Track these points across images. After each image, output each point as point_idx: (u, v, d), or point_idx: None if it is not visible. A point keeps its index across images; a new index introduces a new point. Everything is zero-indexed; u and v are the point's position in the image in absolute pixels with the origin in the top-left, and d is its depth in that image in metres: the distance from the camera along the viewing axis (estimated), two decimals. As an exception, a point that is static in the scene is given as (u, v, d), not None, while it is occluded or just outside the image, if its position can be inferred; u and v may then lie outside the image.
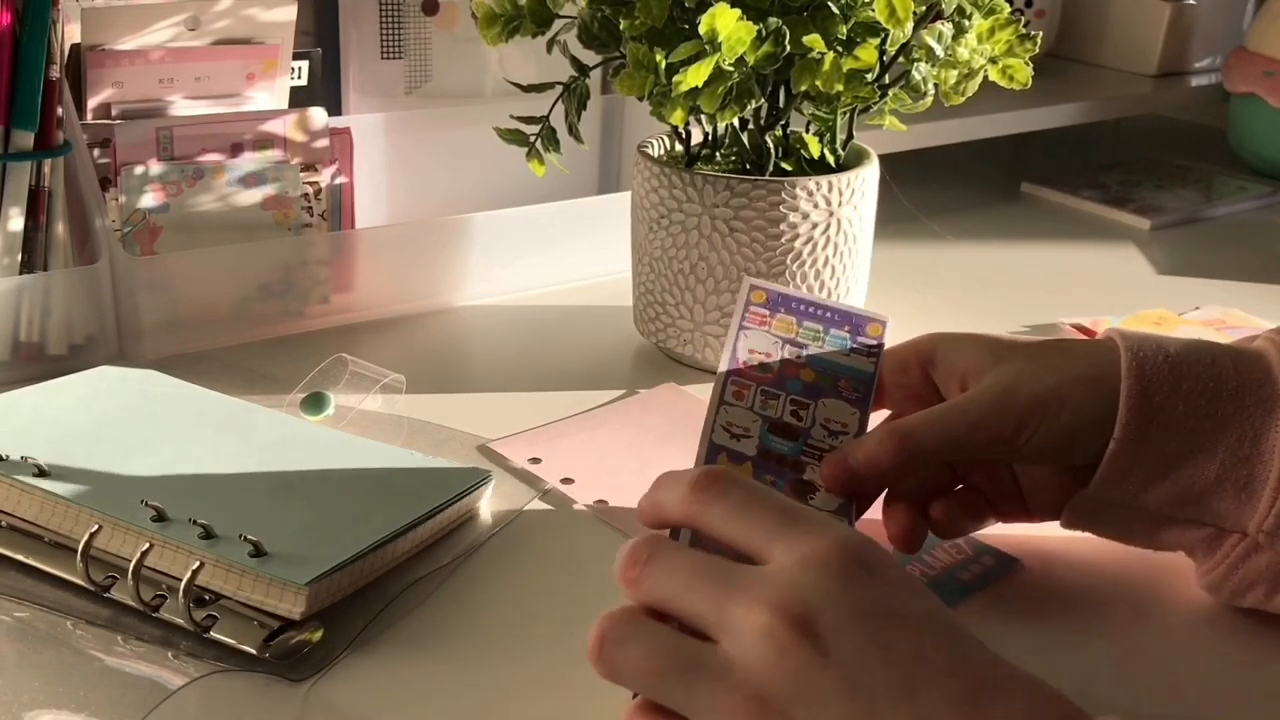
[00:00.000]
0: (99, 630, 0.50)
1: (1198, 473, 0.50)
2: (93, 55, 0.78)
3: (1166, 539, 0.53)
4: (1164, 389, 0.50)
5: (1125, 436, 0.49)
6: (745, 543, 0.41)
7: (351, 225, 0.86)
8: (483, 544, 0.57)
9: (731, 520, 0.41)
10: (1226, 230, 1.09)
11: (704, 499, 0.42)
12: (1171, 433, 0.50)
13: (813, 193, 0.70)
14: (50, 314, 0.72)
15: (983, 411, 0.50)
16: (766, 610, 0.37)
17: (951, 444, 0.50)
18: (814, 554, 0.39)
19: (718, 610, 0.39)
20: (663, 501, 0.44)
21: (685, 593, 0.39)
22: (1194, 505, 0.50)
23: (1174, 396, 0.50)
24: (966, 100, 0.70)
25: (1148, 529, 0.52)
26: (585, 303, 0.86)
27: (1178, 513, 0.51)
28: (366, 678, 0.48)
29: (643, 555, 0.41)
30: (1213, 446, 0.49)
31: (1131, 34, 1.29)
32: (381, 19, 0.94)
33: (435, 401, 0.70)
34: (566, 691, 0.48)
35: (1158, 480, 0.50)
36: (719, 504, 0.42)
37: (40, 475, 0.55)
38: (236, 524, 0.52)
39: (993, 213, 1.11)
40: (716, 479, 0.42)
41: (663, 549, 0.41)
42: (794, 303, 0.50)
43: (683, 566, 0.40)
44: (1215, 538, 0.51)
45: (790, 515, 0.41)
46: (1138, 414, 0.49)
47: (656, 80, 0.65)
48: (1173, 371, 0.50)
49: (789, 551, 0.39)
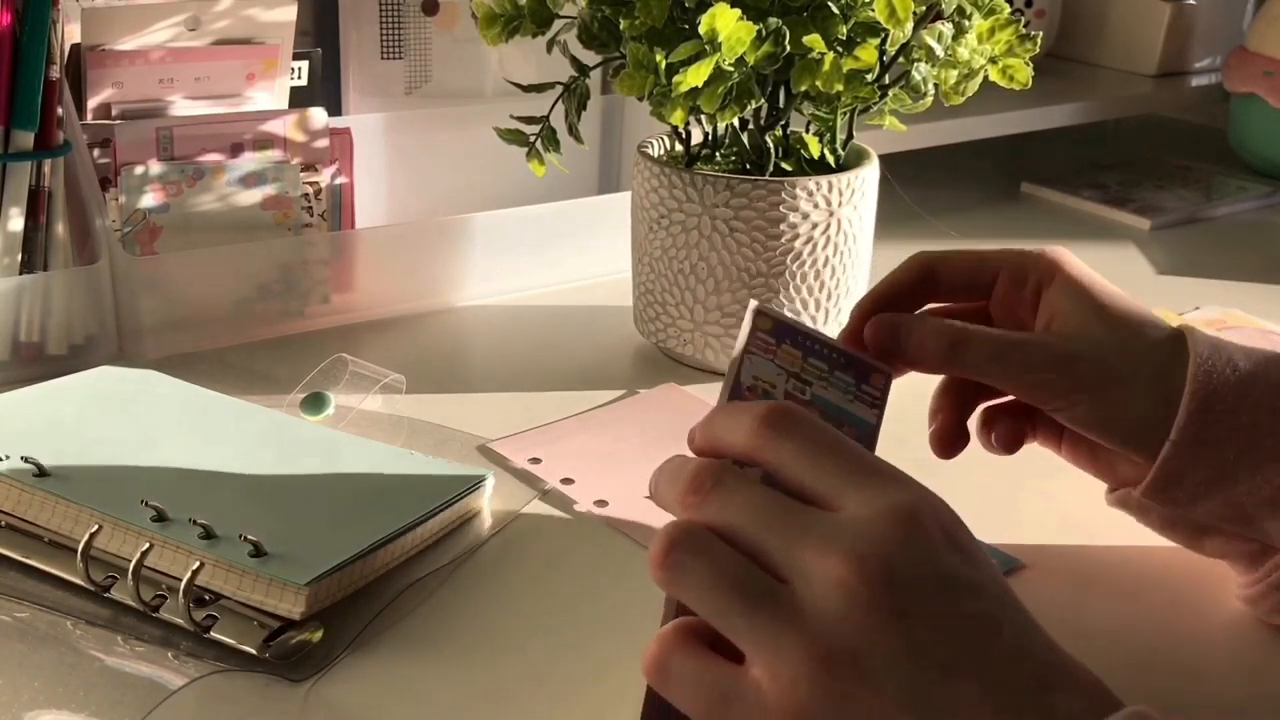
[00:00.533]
0: (99, 630, 0.50)
1: (1251, 490, 0.48)
2: (93, 55, 0.78)
3: (1209, 545, 0.52)
4: (1227, 402, 0.48)
5: (1180, 441, 0.48)
6: (815, 485, 0.38)
7: (351, 225, 0.86)
8: (483, 544, 0.57)
9: (802, 460, 0.39)
10: (1226, 230, 1.08)
11: (774, 435, 0.39)
12: (1228, 448, 0.48)
13: (813, 193, 0.70)
14: (50, 314, 0.72)
15: (1044, 363, 0.49)
16: (843, 559, 0.36)
17: (1000, 378, 0.50)
18: (895, 509, 0.37)
19: (787, 550, 0.37)
20: (723, 432, 0.41)
21: (753, 525, 0.38)
22: (1242, 521, 0.49)
23: (1235, 412, 0.48)
24: (966, 100, 0.70)
25: (1191, 532, 0.52)
26: (585, 303, 0.86)
27: (1225, 525, 0.50)
28: (366, 678, 0.48)
29: (706, 481, 0.39)
30: (1270, 466, 0.48)
31: (1131, 34, 1.29)
32: (381, 19, 0.94)
33: (435, 401, 0.70)
34: (567, 691, 0.48)
35: (1208, 494, 0.49)
36: (790, 441, 0.39)
37: (40, 475, 0.55)
38: (236, 524, 0.52)
39: (993, 213, 1.11)
40: (788, 414, 0.40)
41: (730, 476, 0.39)
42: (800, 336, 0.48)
43: (752, 498, 0.38)
44: (1260, 553, 0.51)
45: (866, 464, 0.39)
46: (1195, 424, 0.48)
47: (656, 80, 0.65)
48: (1239, 385, 0.48)
49: (866, 502, 0.37)
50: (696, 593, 0.37)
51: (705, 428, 0.42)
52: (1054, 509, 0.61)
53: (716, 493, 0.39)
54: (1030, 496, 0.63)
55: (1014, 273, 0.53)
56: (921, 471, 0.40)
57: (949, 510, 0.38)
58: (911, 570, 0.36)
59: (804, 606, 0.36)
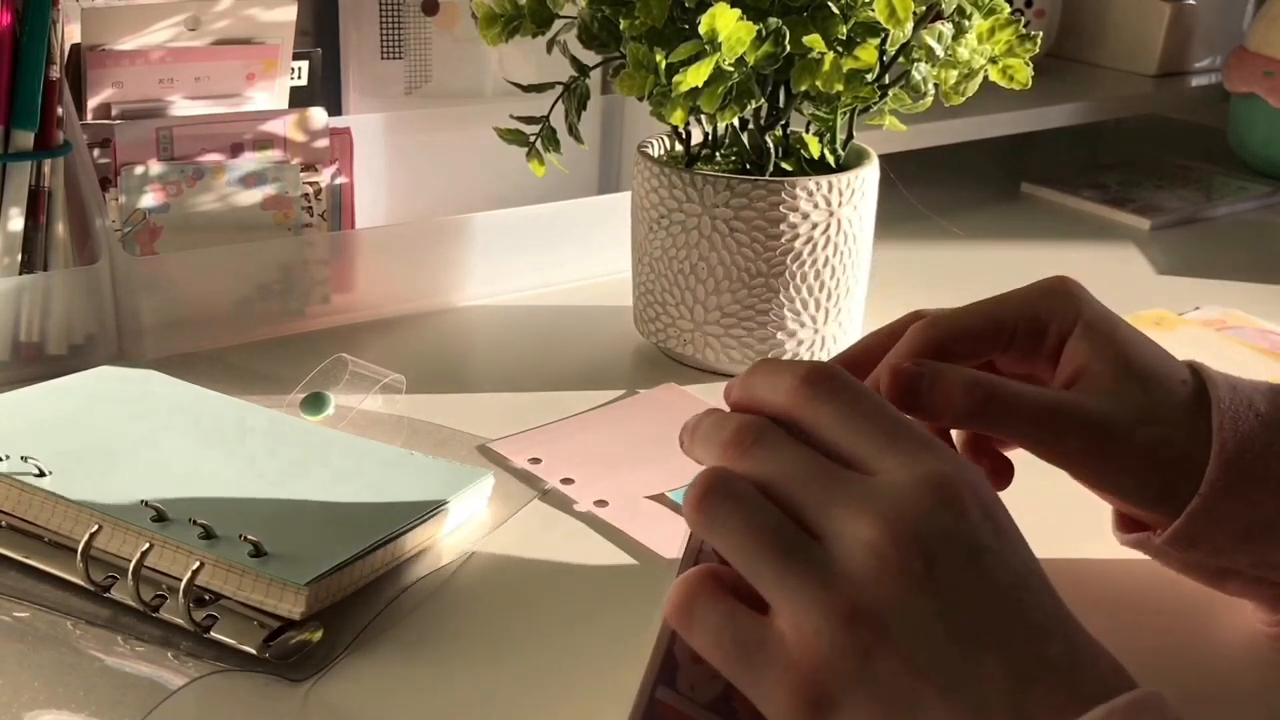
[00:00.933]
0: (99, 630, 0.50)
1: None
2: (93, 55, 0.78)
3: (1231, 587, 0.50)
4: (1254, 449, 0.47)
5: (1210, 495, 0.46)
6: (853, 449, 0.39)
7: (351, 225, 0.86)
8: (483, 544, 0.57)
9: (841, 423, 0.39)
10: (1226, 230, 1.09)
11: (814, 395, 0.40)
12: (1262, 497, 0.47)
13: (813, 193, 0.70)
14: (50, 314, 0.72)
15: (1081, 433, 0.47)
16: (876, 523, 0.36)
17: (1031, 442, 0.48)
18: (931, 476, 0.37)
19: (822, 508, 0.37)
20: (761, 390, 0.41)
21: (790, 481, 0.38)
22: (1269, 567, 0.48)
23: (1264, 458, 0.47)
24: (966, 100, 0.70)
25: (1213, 575, 0.50)
26: (585, 303, 0.86)
27: (1248, 570, 0.49)
28: (366, 678, 0.48)
29: (749, 436, 0.39)
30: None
31: (1131, 34, 1.29)
32: (381, 19, 0.94)
33: (435, 401, 0.70)
34: (566, 692, 0.48)
35: (1236, 545, 0.48)
36: (830, 403, 0.39)
37: (40, 475, 0.55)
38: (236, 524, 0.52)
39: (993, 212, 1.11)
40: (830, 376, 0.40)
41: (771, 433, 0.39)
42: None
43: (793, 456, 0.39)
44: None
45: (906, 430, 0.39)
46: (1225, 476, 0.46)
47: (656, 80, 0.65)
48: (1264, 431, 0.47)
49: (902, 467, 0.37)
50: (730, 539, 0.38)
51: (744, 384, 0.42)
52: (1054, 516, 0.61)
53: (758, 448, 0.39)
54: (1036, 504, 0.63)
55: (1031, 326, 0.50)
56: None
57: (985, 483, 0.38)
58: (942, 538, 0.36)
59: (834, 564, 0.36)
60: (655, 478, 0.62)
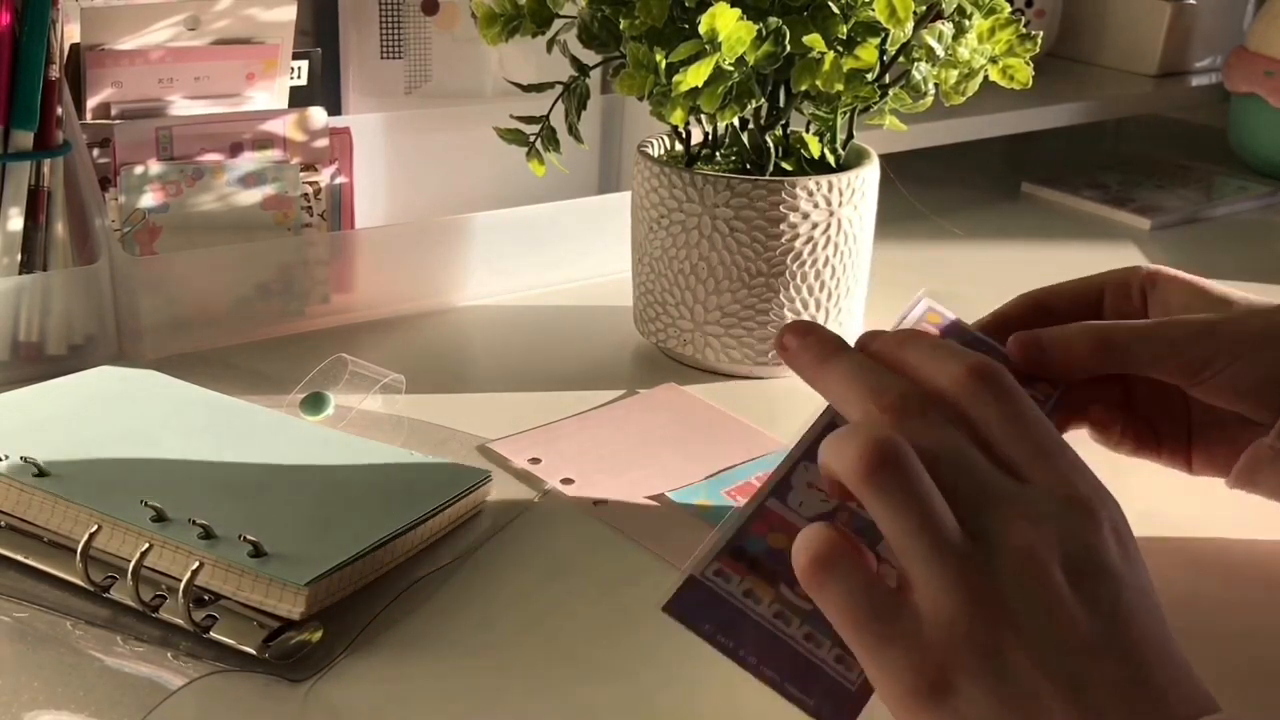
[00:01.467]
0: (99, 630, 0.50)
1: None
2: (92, 55, 0.78)
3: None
4: None
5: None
6: (1010, 452, 0.41)
7: (351, 225, 0.86)
8: (483, 544, 0.57)
9: (1006, 425, 0.41)
10: (1226, 230, 1.08)
11: (983, 389, 0.42)
12: None
13: (813, 193, 0.70)
14: (50, 314, 0.72)
15: (1187, 338, 0.50)
16: (1025, 530, 0.38)
17: (1149, 361, 0.50)
18: (1079, 498, 0.40)
19: (978, 503, 0.39)
20: (925, 362, 0.43)
21: (954, 467, 0.40)
22: None
23: None
24: (966, 100, 0.70)
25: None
26: (585, 303, 0.86)
27: None
28: (366, 678, 0.48)
29: (914, 403, 0.41)
30: None
31: (1131, 34, 1.29)
32: (381, 19, 0.93)
33: (435, 401, 0.70)
34: (566, 692, 0.48)
35: None
36: (997, 404, 0.41)
37: (40, 475, 0.55)
38: (236, 524, 0.52)
39: (993, 212, 1.11)
40: (1000, 375, 0.42)
41: (936, 410, 0.41)
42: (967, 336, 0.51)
43: (957, 441, 0.40)
44: None
45: (1060, 446, 0.41)
46: None
47: (656, 80, 0.65)
48: None
49: (1055, 484, 0.40)
50: (893, 510, 0.39)
51: (898, 346, 0.44)
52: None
53: (923, 420, 0.41)
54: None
55: (1118, 287, 0.55)
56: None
57: (1121, 513, 0.41)
58: (1084, 555, 0.38)
59: (980, 562, 0.38)
60: (655, 478, 0.62)
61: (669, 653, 0.50)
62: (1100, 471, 0.42)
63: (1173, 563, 0.56)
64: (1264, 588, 0.56)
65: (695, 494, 0.61)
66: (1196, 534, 0.59)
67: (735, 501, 0.61)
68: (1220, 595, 0.55)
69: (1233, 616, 0.54)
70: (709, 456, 0.65)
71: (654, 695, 0.48)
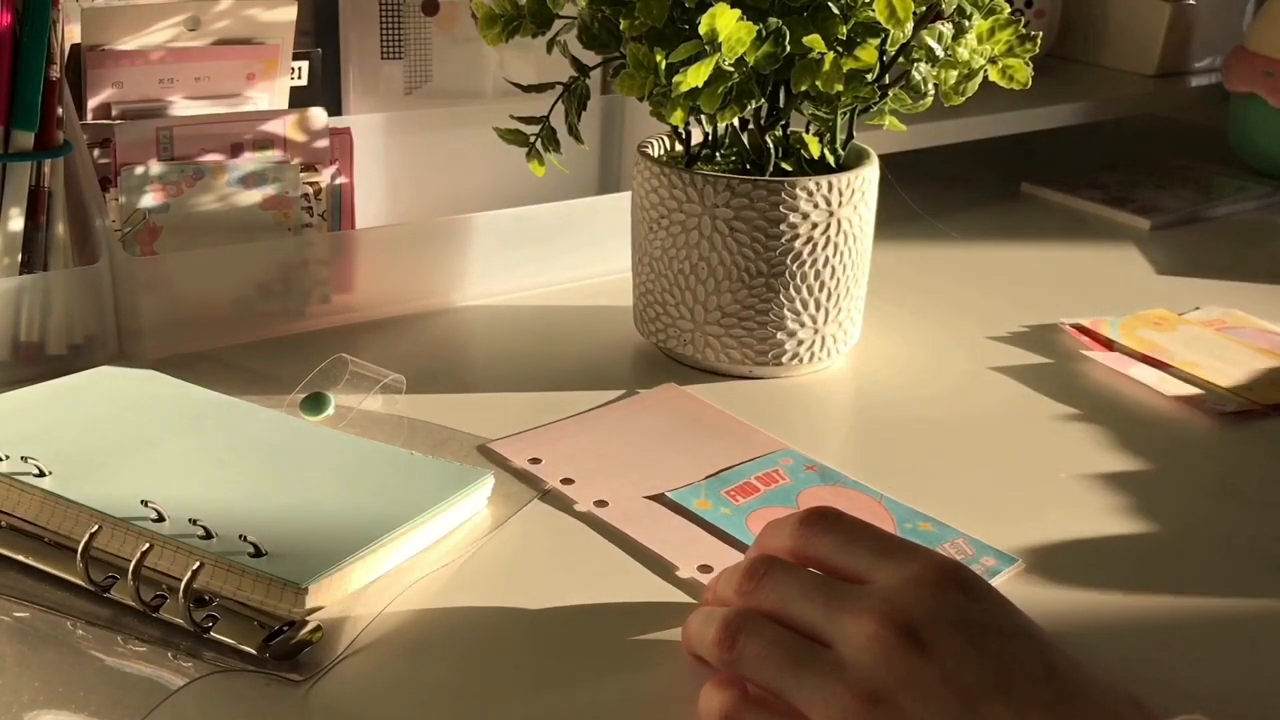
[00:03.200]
0: (99, 630, 0.50)
1: None
2: (93, 55, 0.78)
3: None
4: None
5: None
6: (851, 567, 0.46)
7: (351, 225, 0.86)
8: (483, 544, 0.57)
9: (838, 550, 0.47)
10: (1226, 230, 1.09)
11: (813, 531, 0.48)
12: None
13: (813, 193, 0.70)
14: (50, 314, 0.72)
15: None
16: (875, 619, 0.42)
17: None
18: (915, 575, 0.44)
19: (829, 618, 0.44)
20: (769, 539, 0.50)
21: (800, 601, 0.45)
22: None
23: None
24: (966, 100, 0.70)
25: None
26: (585, 303, 0.86)
27: None
28: (366, 678, 0.48)
29: (761, 569, 0.47)
30: None
31: (1131, 34, 1.29)
32: (381, 19, 0.94)
33: (435, 401, 0.70)
34: (566, 692, 0.48)
35: None
36: (827, 535, 0.48)
37: (40, 475, 0.55)
38: (236, 524, 0.52)
39: (993, 213, 1.11)
40: (822, 516, 0.48)
41: (779, 565, 0.47)
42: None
43: (798, 579, 0.46)
44: None
45: (890, 543, 0.47)
46: None
47: (656, 80, 0.65)
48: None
49: (892, 574, 0.45)
50: (755, 665, 0.44)
51: (757, 543, 0.51)
52: (1053, 508, 0.62)
53: (768, 579, 0.46)
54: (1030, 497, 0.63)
55: None
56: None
57: (965, 570, 0.45)
58: (931, 617, 0.42)
59: (845, 661, 0.42)
60: (655, 478, 0.63)
61: (669, 652, 0.50)
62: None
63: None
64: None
65: (695, 494, 0.61)
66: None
67: (735, 501, 0.61)
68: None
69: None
70: (709, 456, 0.65)
71: (654, 695, 0.48)
